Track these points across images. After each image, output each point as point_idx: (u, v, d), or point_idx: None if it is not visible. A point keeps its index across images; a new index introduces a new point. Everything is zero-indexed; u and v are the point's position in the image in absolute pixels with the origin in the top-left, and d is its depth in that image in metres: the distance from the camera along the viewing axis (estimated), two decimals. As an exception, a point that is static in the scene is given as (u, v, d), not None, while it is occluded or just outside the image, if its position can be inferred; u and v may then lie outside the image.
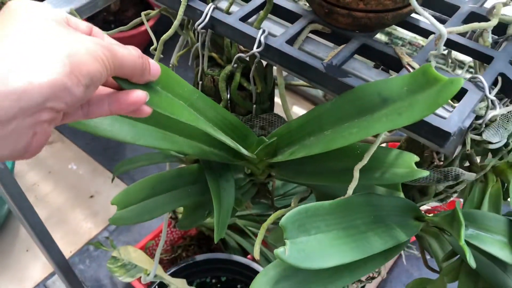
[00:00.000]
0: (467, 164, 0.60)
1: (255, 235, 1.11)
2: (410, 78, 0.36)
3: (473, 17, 0.47)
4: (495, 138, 0.50)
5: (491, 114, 0.41)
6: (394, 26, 0.56)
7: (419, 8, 0.41)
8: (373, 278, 1.13)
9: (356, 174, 0.42)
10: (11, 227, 1.27)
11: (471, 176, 0.51)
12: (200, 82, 0.54)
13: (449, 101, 0.41)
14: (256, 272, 0.84)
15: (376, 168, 0.45)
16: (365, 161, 0.41)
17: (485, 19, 0.47)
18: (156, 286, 0.76)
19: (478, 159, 0.61)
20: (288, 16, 0.48)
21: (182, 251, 1.21)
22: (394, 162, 0.45)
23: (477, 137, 0.50)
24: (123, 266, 0.76)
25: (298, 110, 1.58)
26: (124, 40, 0.39)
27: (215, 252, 1.05)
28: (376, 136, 0.45)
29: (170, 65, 0.58)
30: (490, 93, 0.41)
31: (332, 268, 0.40)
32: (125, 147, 1.50)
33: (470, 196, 0.56)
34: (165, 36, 0.50)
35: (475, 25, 0.41)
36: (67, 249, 1.24)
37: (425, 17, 0.41)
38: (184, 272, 0.82)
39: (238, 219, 1.13)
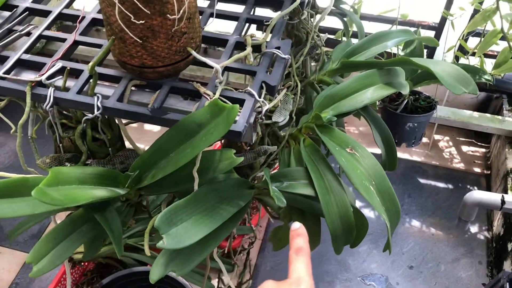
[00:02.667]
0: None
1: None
2: (209, 108, 0.56)
3: (239, 45, 0.69)
4: (280, 118, 0.73)
5: (264, 108, 0.63)
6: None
7: (197, 56, 0.61)
8: (253, 243, 1.36)
9: (195, 174, 0.61)
10: None
11: (274, 148, 0.74)
12: (61, 145, 0.68)
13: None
14: (157, 274, 0.99)
15: (210, 166, 0.64)
16: (197, 164, 0.60)
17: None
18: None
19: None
20: (112, 79, 0.65)
21: (87, 287, 1.31)
22: (220, 158, 0.65)
23: (269, 121, 0.72)
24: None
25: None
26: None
27: (118, 274, 1.17)
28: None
29: (29, 137, 0.71)
30: (260, 96, 0.62)
31: (200, 241, 0.58)
32: (-5, 215, 1.51)
33: (282, 158, 0.79)
34: (21, 121, 0.63)
35: (236, 57, 0.63)
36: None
37: (203, 60, 0.61)
38: (97, 299, 0.95)
39: (128, 239, 1.26)
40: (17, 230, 0.74)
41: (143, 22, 0.55)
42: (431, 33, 1.61)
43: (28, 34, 0.71)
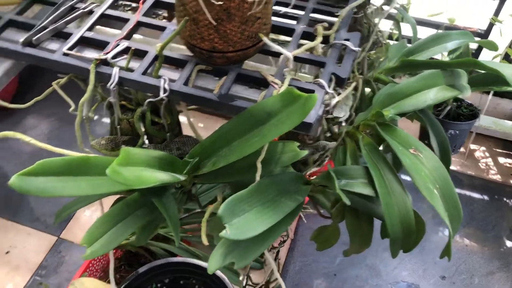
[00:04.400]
0: (329, 134, 0.81)
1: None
2: (282, 97, 0.54)
3: (306, 35, 0.67)
4: (341, 113, 0.71)
5: (333, 101, 0.60)
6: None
7: (270, 43, 0.59)
8: (284, 241, 1.34)
9: (259, 165, 0.59)
10: None
11: (333, 144, 0.72)
12: (118, 127, 0.67)
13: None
14: (191, 265, 0.98)
15: (272, 157, 0.62)
16: (263, 154, 0.58)
17: (313, 35, 0.66)
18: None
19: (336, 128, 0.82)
20: (176, 62, 0.63)
21: (115, 274, 1.30)
22: (283, 150, 0.63)
23: (330, 116, 0.70)
24: (82, 296, 0.85)
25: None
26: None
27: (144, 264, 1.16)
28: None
29: (84, 117, 0.69)
30: (329, 88, 0.60)
31: (261, 233, 0.56)
32: (26, 198, 1.51)
33: (337, 157, 0.77)
34: (83, 100, 0.61)
35: (307, 46, 0.61)
36: (0, 310, 1.26)
37: (275, 48, 0.59)
38: (131, 286, 0.93)
39: (159, 229, 1.25)
40: (64, 212, 0.72)
41: (221, 3, 0.53)
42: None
43: (90, 12, 0.70)
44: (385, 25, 1.24)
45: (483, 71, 0.81)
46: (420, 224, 0.71)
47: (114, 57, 0.62)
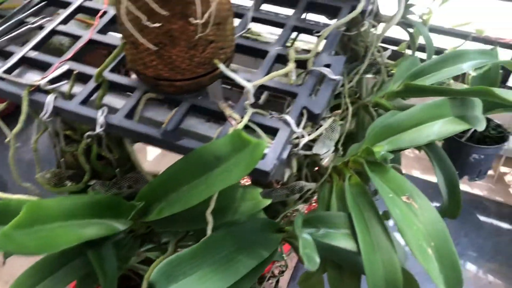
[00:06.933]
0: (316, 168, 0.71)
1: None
2: (231, 139, 0.44)
3: (280, 58, 0.56)
4: (323, 150, 0.60)
5: (302, 142, 0.50)
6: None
7: (226, 71, 0.49)
8: (283, 272, 1.23)
9: (209, 218, 0.49)
10: None
11: (312, 185, 0.61)
12: (62, 160, 0.59)
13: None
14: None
15: (229, 206, 0.53)
16: (212, 206, 0.48)
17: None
18: None
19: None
20: (124, 89, 0.54)
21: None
22: (243, 197, 0.53)
23: (309, 153, 0.60)
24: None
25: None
26: None
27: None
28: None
29: (31, 145, 0.61)
30: (299, 125, 0.50)
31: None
32: None
33: (321, 196, 0.66)
34: (15, 131, 0.53)
35: (272, 74, 0.50)
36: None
37: (231, 77, 0.49)
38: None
39: (148, 252, 1.17)
40: None
41: (159, 25, 0.43)
42: (509, 52, 1.42)
43: (41, 27, 0.62)
44: (402, 33, 1.12)
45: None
46: (412, 285, 0.59)
47: (53, 82, 0.53)
